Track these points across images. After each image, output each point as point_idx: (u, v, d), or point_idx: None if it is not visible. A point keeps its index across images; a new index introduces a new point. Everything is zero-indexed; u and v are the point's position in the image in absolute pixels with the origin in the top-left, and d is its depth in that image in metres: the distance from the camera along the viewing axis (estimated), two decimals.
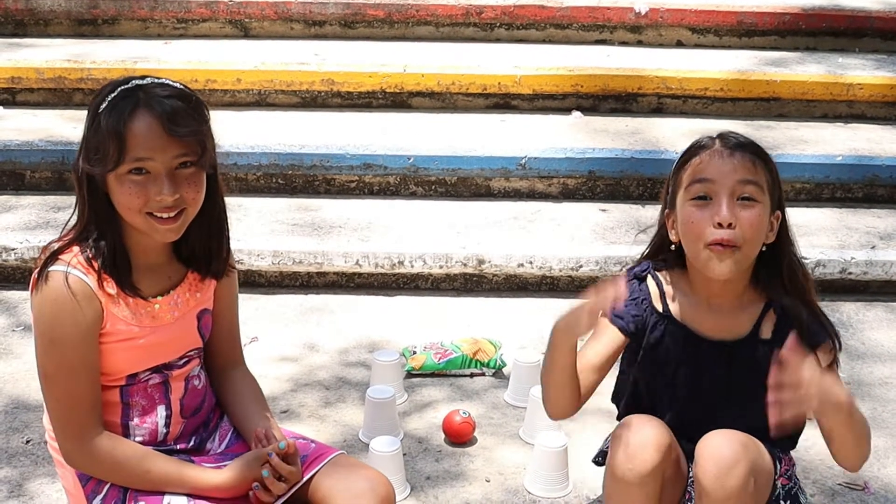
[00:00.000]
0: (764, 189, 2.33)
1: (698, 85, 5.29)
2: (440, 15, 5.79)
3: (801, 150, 4.88)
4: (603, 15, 5.78)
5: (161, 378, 2.29)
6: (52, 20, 5.86)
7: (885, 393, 3.63)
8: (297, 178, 4.77)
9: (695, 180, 2.33)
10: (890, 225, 4.63)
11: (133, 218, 2.14)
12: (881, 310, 4.24)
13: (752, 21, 5.80)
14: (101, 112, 2.11)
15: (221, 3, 5.80)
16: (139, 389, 2.27)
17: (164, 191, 2.10)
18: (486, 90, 5.30)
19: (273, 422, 2.39)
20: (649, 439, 2.29)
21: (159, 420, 2.30)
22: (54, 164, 4.77)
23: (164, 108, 2.10)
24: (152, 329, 2.24)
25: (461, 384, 3.61)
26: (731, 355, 2.43)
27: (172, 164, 2.12)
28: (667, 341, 2.47)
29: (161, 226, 2.15)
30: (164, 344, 2.27)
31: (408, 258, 4.23)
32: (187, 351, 2.33)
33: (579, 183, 4.78)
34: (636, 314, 2.49)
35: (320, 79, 5.29)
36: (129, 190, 2.10)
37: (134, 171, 2.10)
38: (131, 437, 2.27)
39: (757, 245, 2.34)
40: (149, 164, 2.10)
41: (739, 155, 2.33)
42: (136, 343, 2.22)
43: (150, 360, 2.26)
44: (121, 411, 2.26)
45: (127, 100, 2.10)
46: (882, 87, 5.35)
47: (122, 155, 2.08)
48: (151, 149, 2.09)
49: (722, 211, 2.29)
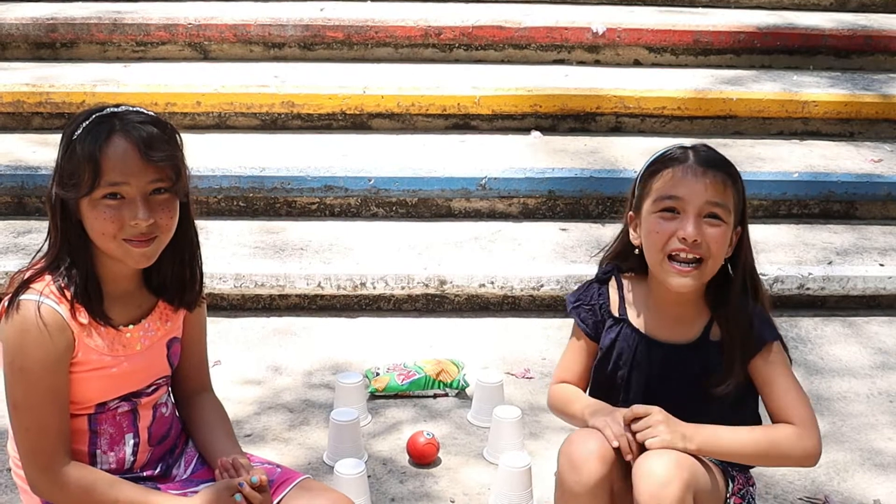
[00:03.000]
0: (731, 209, 2.37)
1: (656, 104, 5.33)
2: (399, 36, 5.80)
3: (759, 168, 4.92)
4: (561, 35, 5.81)
5: (130, 406, 2.28)
6: (9, 44, 5.81)
7: (844, 407, 3.67)
8: (259, 201, 4.77)
9: (665, 195, 2.37)
10: (846, 240, 4.68)
11: (107, 244, 2.14)
12: (839, 324, 4.29)
13: (708, 40, 5.85)
14: (75, 139, 2.12)
15: (180, 25, 5.79)
16: (108, 418, 2.26)
17: (138, 215, 2.11)
18: (446, 111, 5.32)
19: (238, 449, 2.39)
20: (593, 452, 2.33)
21: (127, 449, 2.29)
22: (13, 188, 4.74)
23: (140, 133, 2.11)
24: (124, 357, 2.24)
25: (425, 405, 3.63)
26: (683, 358, 2.47)
27: (147, 190, 2.12)
28: (620, 344, 2.53)
29: (135, 249, 2.15)
30: (135, 372, 2.27)
31: (370, 280, 4.24)
32: (156, 379, 2.33)
33: (539, 202, 4.80)
34: (593, 318, 2.57)
35: (280, 101, 5.29)
36: (103, 215, 2.11)
37: (109, 196, 2.10)
38: (98, 466, 2.25)
39: (719, 262, 2.40)
40: (124, 188, 2.10)
41: (712, 175, 2.36)
42: (107, 372, 2.21)
43: (121, 388, 2.26)
44: (88, 439, 2.25)
45: (102, 125, 2.12)
46: (836, 104, 5.41)
47: (97, 180, 2.08)
48: (126, 174, 2.10)
49: (688, 228, 2.33)
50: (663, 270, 2.39)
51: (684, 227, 2.33)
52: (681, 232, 2.33)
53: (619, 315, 2.54)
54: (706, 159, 2.39)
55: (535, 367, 3.88)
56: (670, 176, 2.38)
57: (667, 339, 2.49)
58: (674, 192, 2.36)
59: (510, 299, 4.32)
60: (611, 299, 2.57)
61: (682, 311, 2.48)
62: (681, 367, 2.47)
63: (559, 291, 4.23)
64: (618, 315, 2.54)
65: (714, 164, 2.39)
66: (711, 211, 2.35)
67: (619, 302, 2.55)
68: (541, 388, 3.71)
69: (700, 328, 2.47)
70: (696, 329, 2.47)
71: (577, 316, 2.60)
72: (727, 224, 2.37)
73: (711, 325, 2.46)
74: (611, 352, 2.54)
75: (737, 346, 2.41)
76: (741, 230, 2.44)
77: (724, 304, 2.44)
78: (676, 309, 2.48)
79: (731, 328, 2.42)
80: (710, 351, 2.45)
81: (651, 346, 2.49)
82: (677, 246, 2.35)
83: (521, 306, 4.33)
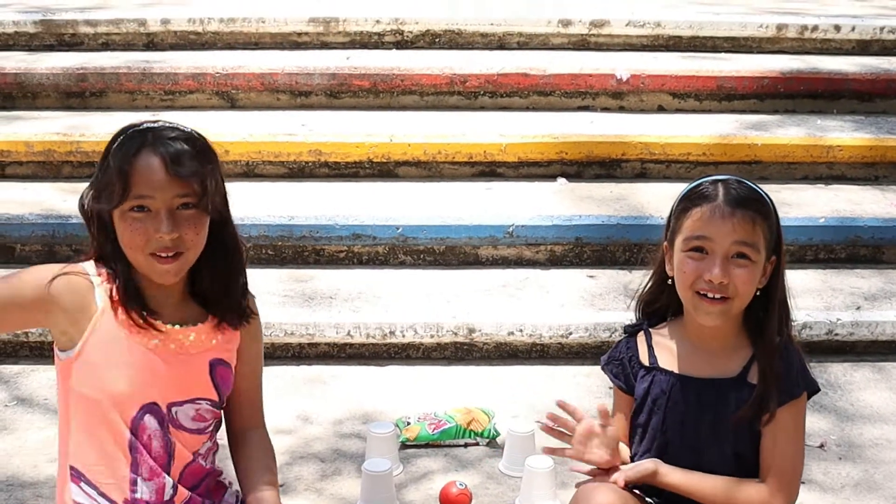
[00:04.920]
0: (760, 248, 2.39)
1: (681, 150, 5.36)
2: (425, 84, 5.85)
3: (785, 213, 4.87)
4: (585, 82, 5.85)
5: (163, 440, 2.28)
6: (40, 93, 5.90)
7: (876, 454, 3.66)
8: (287, 249, 4.80)
9: (693, 235, 2.40)
10: (874, 285, 4.68)
11: (135, 256, 2.21)
12: (868, 370, 4.28)
13: (731, 85, 5.88)
14: (111, 152, 2.21)
15: (208, 74, 5.86)
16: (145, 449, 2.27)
17: (162, 228, 2.16)
18: (472, 159, 5.35)
19: (274, 491, 2.41)
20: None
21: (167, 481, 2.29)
22: (44, 237, 4.79)
23: (168, 149, 2.18)
24: (155, 349, 2.26)
25: (456, 454, 3.63)
26: (718, 392, 2.48)
27: (173, 204, 2.18)
28: (653, 390, 2.55)
29: (160, 265, 2.20)
30: (167, 376, 2.28)
31: (398, 328, 4.26)
32: (195, 397, 2.33)
33: (566, 250, 4.82)
34: (623, 371, 2.61)
35: (308, 149, 5.34)
36: (130, 227, 2.18)
37: (136, 209, 2.17)
38: (139, 494, 2.26)
39: (747, 298, 2.43)
40: (149, 201, 2.17)
41: (740, 214, 2.37)
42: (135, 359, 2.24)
43: (151, 385, 2.26)
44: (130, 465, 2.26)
45: (134, 140, 2.20)
46: (861, 149, 5.42)
47: (126, 192, 2.16)
48: (152, 187, 2.16)
49: (714, 270, 2.37)
50: (692, 305, 2.43)
51: (711, 269, 2.37)
52: (707, 274, 2.37)
53: (649, 364, 2.56)
54: (735, 198, 2.39)
55: (565, 415, 3.88)
56: (699, 216, 2.40)
57: (703, 375, 2.51)
58: (702, 233, 2.39)
59: (539, 347, 4.33)
60: (639, 350, 2.59)
61: (719, 345, 2.50)
62: (715, 402, 2.48)
63: (588, 339, 4.24)
64: (648, 364, 2.56)
65: (743, 202, 2.39)
66: (739, 251, 2.37)
67: (648, 351, 2.58)
68: None
69: (740, 365, 2.48)
70: (736, 365, 2.49)
71: (609, 372, 2.64)
72: (755, 263, 2.38)
73: (752, 364, 2.47)
74: (645, 400, 2.56)
75: (769, 392, 2.42)
76: (776, 259, 2.45)
77: (762, 337, 2.45)
78: (714, 343, 2.50)
79: (766, 373, 2.43)
80: (747, 391, 2.46)
81: (686, 383, 2.51)
82: (704, 286, 2.39)
83: (550, 354, 4.34)
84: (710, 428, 2.48)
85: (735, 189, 2.41)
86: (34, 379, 4.13)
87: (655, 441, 2.54)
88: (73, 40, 6.39)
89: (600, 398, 3.60)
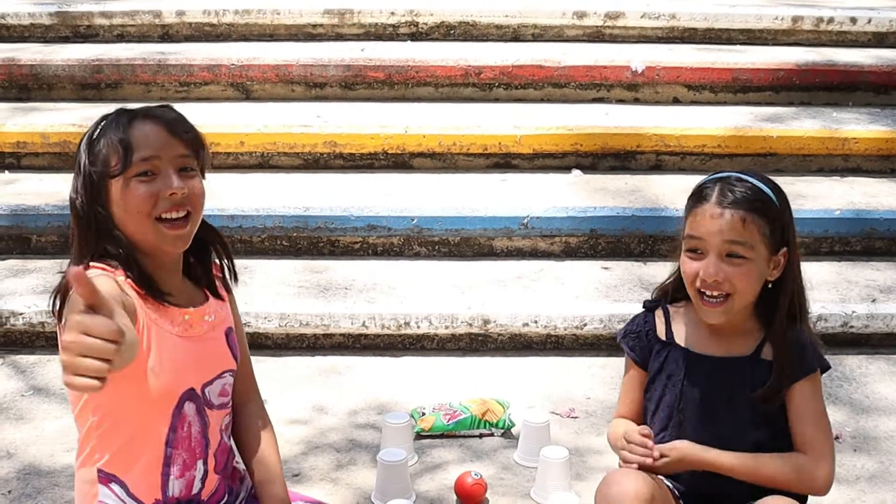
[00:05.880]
0: (755, 245, 2.41)
1: (696, 142, 5.35)
2: (439, 76, 5.85)
3: (800, 205, 4.92)
4: (600, 73, 5.85)
5: (201, 423, 2.27)
6: (56, 84, 5.92)
7: (891, 447, 3.66)
8: (302, 240, 4.82)
9: (689, 235, 2.45)
10: (889, 278, 4.67)
11: (142, 224, 2.15)
12: (883, 363, 4.28)
13: (746, 77, 5.87)
14: (95, 137, 2.17)
15: (223, 66, 5.86)
16: (182, 439, 2.25)
17: (173, 184, 2.14)
18: (487, 150, 5.35)
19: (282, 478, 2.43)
20: (629, 493, 2.35)
21: (197, 474, 2.28)
22: (60, 227, 4.81)
23: (164, 115, 2.20)
24: (189, 338, 2.24)
25: (471, 445, 3.64)
26: (733, 370, 2.52)
27: (177, 164, 2.17)
28: (668, 367, 2.58)
29: (171, 231, 2.16)
30: (201, 358, 2.28)
31: (413, 319, 4.26)
32: (222, 371, 2.33)
33: (581, 241, 4.82)
34: (640, 344, 2.64)
35: (323, 141, 5.34)
36: (136, 192, 2.13)
37: (141, 175, 2.13)
38: (169, 491, 2.24)
39: (747, 293, 2.45)
40: (155, 162, 2.14)
41: (730, 214, 2.39)
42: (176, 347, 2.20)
43: (190, 372, 2.25)
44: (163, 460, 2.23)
45: (123, 115, 2.19)
46: (877, 141, 5.41)
47: (129, 157, 2.12)
48: (157, 147, 2.15)
49: (708, 269, 2.42)
50: (696, 304, 2.48)
51: (705, 268, 2.41)
52: (702, 272, 2.42)
53: (665, 339, 2.60)
54: (730, 199, 2.40)
55: (580, 406, 3.89)
56: (695, 216, 2.44)
57: (717, 354, 2.54)
58: (695, 233, 2.44)
59: (553, 338, 4.33)
60: (657, 326, 2.63)
61: (732, 330, 2.53)
62: (730, 380, 2.52)
63: (602, 330, 4.25)
64: (664, 339, 2.60)
65: (735, 202, 2.40)
66: (731, 250, 2.40)
67: (666, 327, 2.61)
68: (586, 427, 3.72)
69: (754, 344, 2.52)
70: (750, 345, 2.52)
71: (626, 345, 2.67)
72: (750, 260, 2.41)
73: (765, 343, 2.51)
74: (660, 375, 2.60)
75: (785, 369, 2.46)
76: (787, 252, 2.47)
77: (771, 327, 2.49)
78: (726, 328, 2.53)
79: (780, 352, 2.47)
80: (761, 368, 2.49)
81: (701, 361, 2.55)
82: (701, 284, 2.43)
83: (565, 345, 4.34)
84: (727, 407, 2.51)
85: (730, 188, 2.43)
86: (50, 369, 4.15)
87: (672, 419, 2.57)
88: (88, 32, 6.41)
89: (615, 389, 3.60)
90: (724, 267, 2.40)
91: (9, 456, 3.55)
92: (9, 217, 4.83)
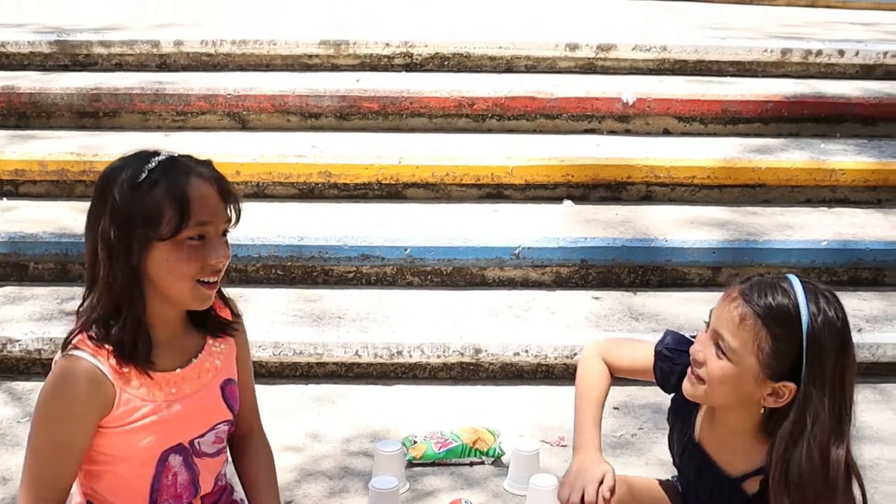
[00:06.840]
0: (743, 353, 2.24)
1: (686, 173, 5.41)
2: (433, 107, 5.92)
3: (788, 236, 4.98)
4: (591, 105, 5.91)
5: (189, 475, 2.30)
6: (54, 113, 5.96)
7: (876, 475, 3.71)
8: (296, 270, 4.86)
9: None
10: (875, 307, 4.73)
11: (183, 285, 2.16)
12: (869, 391, 4.34)
13: (736, 109, 5.93)
14: (142, 181, 2.11)
15: (220, 95, 5.93)
16: (169, 487, 2.28)
17: (221, 253, 2.17)
18: (480, 181, 5.41)
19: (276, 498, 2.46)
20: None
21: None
22: (58, 255, 4.85)
23: (213, 175, 2.18)
24: (175, 400, 2.24)
25: (462, 473, 3.69)
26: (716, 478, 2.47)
27: (222, 230, 2.19)
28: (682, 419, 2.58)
29: (206, 291, 2.20)
30: (189, 416, 2.27)
31: (406, 348, 4.31)
32: (215, 423, 2.34)
33: (572, 271, 4.88)
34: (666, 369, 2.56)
35: (317, 171, 5.39)
36: (187, 255, 2.13)
37: (194, 238, 2.13)
38: None
39: (716, 392, 2.31)
40: (209, 228, 2.15)
41: (736, 305, 2.25)
42: (158, 416, 2.21)
43: (175, 433, 2.25)
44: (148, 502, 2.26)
45: (174, 168, 2.14)
46: (864, 172, 5.48)
47: (185, 220, 2.11)
48: (212, 213, 2.15)
49: (695, 345, 2.36)
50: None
51: (697, 339, 2.38)
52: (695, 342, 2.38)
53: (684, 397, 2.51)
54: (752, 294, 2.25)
55: (570, 435, 3.90)
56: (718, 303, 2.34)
57: (708, 450, 2.50)
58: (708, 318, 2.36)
59: (544, 367, 4.38)
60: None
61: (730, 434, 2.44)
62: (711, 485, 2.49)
63: None
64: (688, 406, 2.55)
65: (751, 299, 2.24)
66: (715, 340, 2.29)
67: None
68: None
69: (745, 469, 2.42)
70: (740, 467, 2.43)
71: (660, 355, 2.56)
72: (732, 363, 2.25)
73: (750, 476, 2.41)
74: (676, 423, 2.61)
75: None
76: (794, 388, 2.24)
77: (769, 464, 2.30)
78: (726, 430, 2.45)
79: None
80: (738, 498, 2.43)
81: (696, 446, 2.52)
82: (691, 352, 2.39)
83: (555, 374, 4.39)
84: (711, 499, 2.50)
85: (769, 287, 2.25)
86: None
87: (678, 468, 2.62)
88: (87, 61, 6.47)
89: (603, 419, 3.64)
90: (709, 350, 2.29)
91: (3, 481, 3.60)
92: (6, 244, 4.88)
